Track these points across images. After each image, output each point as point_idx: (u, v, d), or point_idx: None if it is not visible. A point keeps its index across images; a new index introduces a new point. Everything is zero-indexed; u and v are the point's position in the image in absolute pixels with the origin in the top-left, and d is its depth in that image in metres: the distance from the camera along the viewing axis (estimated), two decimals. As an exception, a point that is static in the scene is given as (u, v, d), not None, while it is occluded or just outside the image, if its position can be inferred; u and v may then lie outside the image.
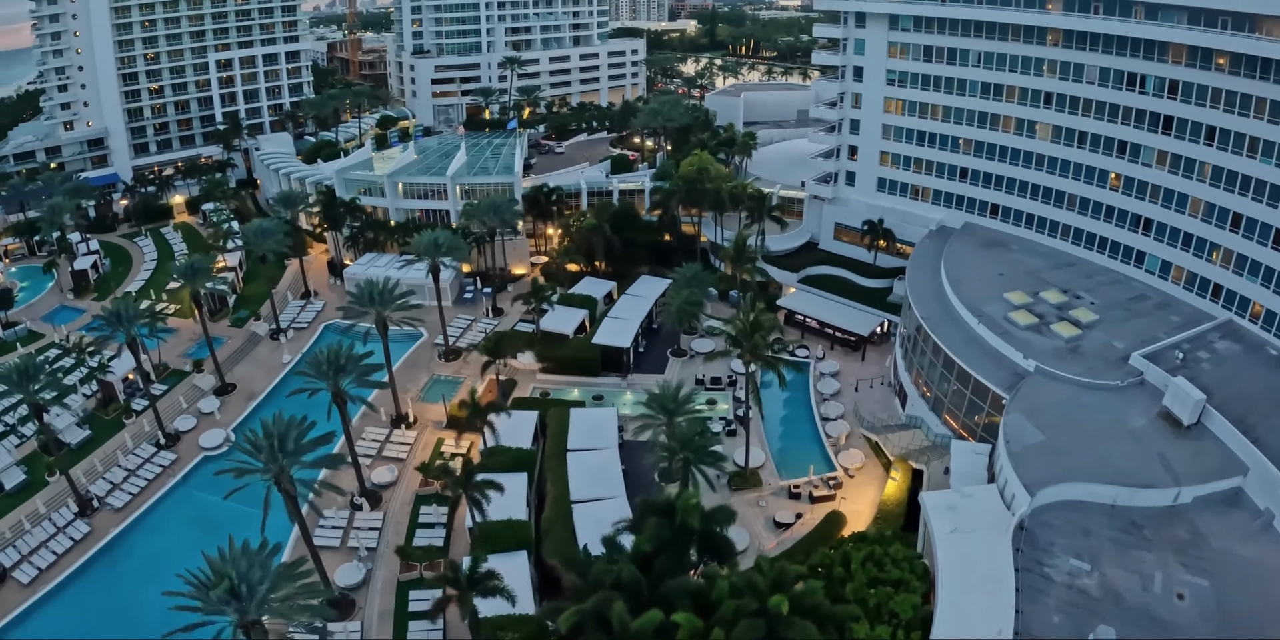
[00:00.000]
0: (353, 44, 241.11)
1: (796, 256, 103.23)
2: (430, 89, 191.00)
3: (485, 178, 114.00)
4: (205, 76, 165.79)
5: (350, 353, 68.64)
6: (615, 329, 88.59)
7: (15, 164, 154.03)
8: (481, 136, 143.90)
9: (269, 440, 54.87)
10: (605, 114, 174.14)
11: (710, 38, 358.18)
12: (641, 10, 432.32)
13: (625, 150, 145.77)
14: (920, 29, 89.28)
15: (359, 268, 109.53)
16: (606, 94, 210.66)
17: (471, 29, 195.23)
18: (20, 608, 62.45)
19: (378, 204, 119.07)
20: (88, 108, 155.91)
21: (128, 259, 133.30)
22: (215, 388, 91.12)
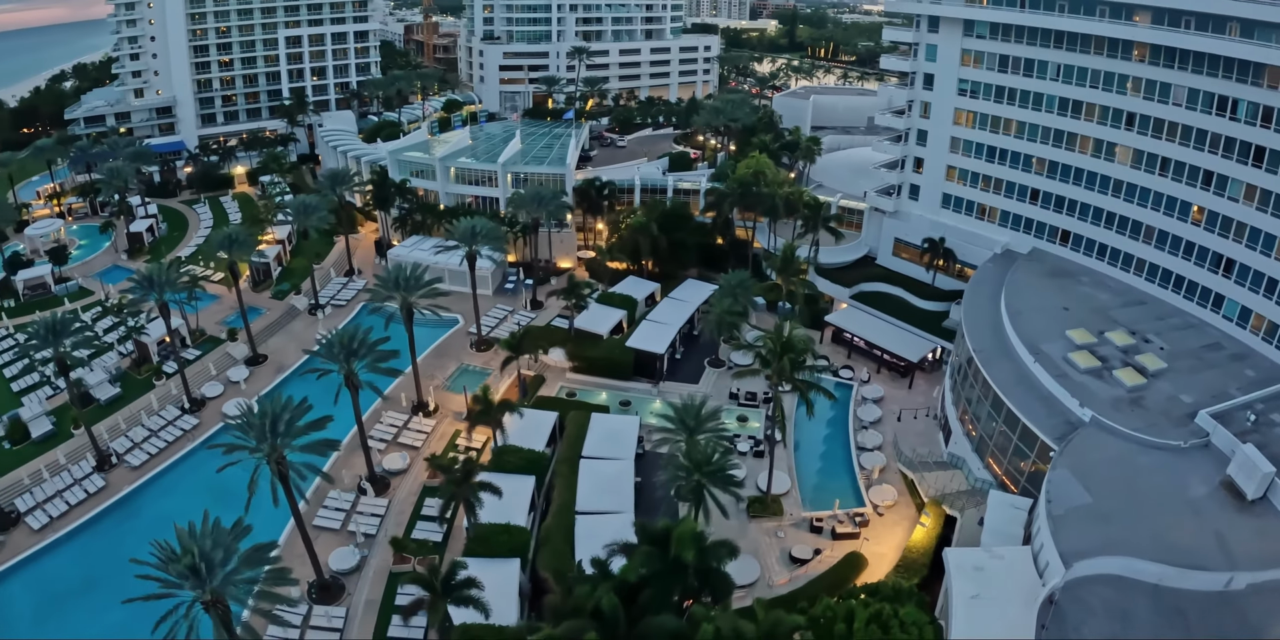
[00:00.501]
0: (428, 27, 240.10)
1: (851, 270, 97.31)
2: (498, 75, 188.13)
3: (537, 167, 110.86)
4: (274, 52, 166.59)
5: (365, 336, 66.52)
6: (652, 333, 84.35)
7: (86, 127, 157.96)
8: (542, 125, 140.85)
9: (262, 420, 53.39)
10: (671, 109, 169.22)
11: (790, 39, 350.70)
12: (723, 7, 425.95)
13: (688, 148, 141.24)
14: (996, 36, 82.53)
15: (403, 249, 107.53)
16: (676, 89, 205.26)
17: (542, 17, 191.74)
18: (27, 552, 64.05)
19: (429, 187, 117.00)
20: (158, 77, 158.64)
21: (184, 224, 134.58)
22: (247, 358, 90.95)
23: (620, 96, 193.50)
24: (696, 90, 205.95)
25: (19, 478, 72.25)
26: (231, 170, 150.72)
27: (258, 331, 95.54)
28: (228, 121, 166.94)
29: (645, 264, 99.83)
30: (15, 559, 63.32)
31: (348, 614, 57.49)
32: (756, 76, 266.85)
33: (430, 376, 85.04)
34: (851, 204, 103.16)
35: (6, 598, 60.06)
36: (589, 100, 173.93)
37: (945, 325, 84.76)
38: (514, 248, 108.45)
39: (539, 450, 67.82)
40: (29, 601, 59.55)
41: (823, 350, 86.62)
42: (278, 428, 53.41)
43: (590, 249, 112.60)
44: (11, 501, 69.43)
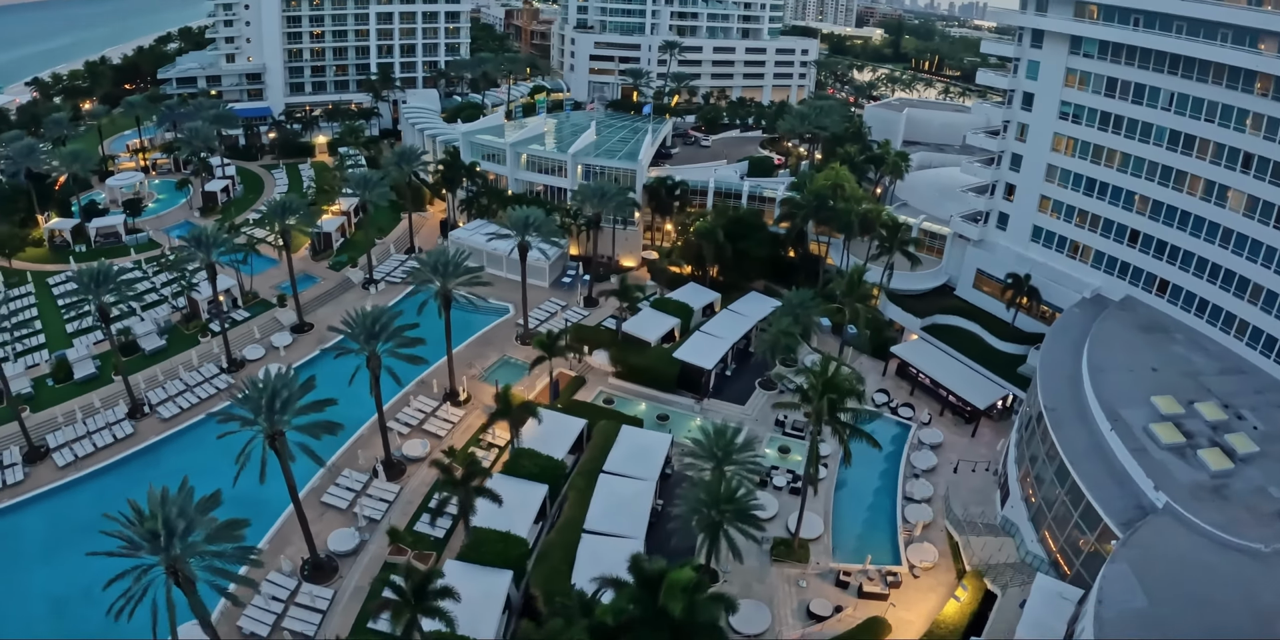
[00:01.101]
0: (527, 13, 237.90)
1: (926, 299, 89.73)
2: (588, 65, 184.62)
3: (608, 160, 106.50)
4: (365, 27, 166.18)
5: (390, 319, 64.00)
6: (703, 346, 79.10)
7: (178, 87, 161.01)
8: (623, 118, 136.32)
9: (260, 394, 51.65)
10: (761, 112, 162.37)
11: (894, 49, 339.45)
12: (829, 12, 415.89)
13: (772, 153, 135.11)
14: (1105, 56, 73.68)
15: (464, 233, 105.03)
16: (770, 92, 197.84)
17: (637, 8, 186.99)
18: (47, 486, 66.15)
19: (500, 172, 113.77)
20: (250, 44, 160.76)
21: (259, 187, 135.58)
22: (293, 325, 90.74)
23: (711, 95, 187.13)
24: (791, 94, 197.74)
25: (54, 415, 74.33)
26: (313, 139, 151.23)
27: (309, 300, 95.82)
28: (315, 92, 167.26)
29: (708, 271, 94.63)
30: (35, 491, 65.56)
31: (334, 597, 56.01)
32: (854, 84, 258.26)
33: (469, 365, 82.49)
34: (934, 228, 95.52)
35: (21, 527, 62.21)
36: (675, 96, 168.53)
37: (1021, 371, 76.62)
38: (576, 241, 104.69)
39: (557, 458, 63.68)
40: (39, 534, 61.07)
41: (885, 383, 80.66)
42: (274, 404, 51.59)
43: (655, 250, 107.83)
44: (44, 437, 71.61)
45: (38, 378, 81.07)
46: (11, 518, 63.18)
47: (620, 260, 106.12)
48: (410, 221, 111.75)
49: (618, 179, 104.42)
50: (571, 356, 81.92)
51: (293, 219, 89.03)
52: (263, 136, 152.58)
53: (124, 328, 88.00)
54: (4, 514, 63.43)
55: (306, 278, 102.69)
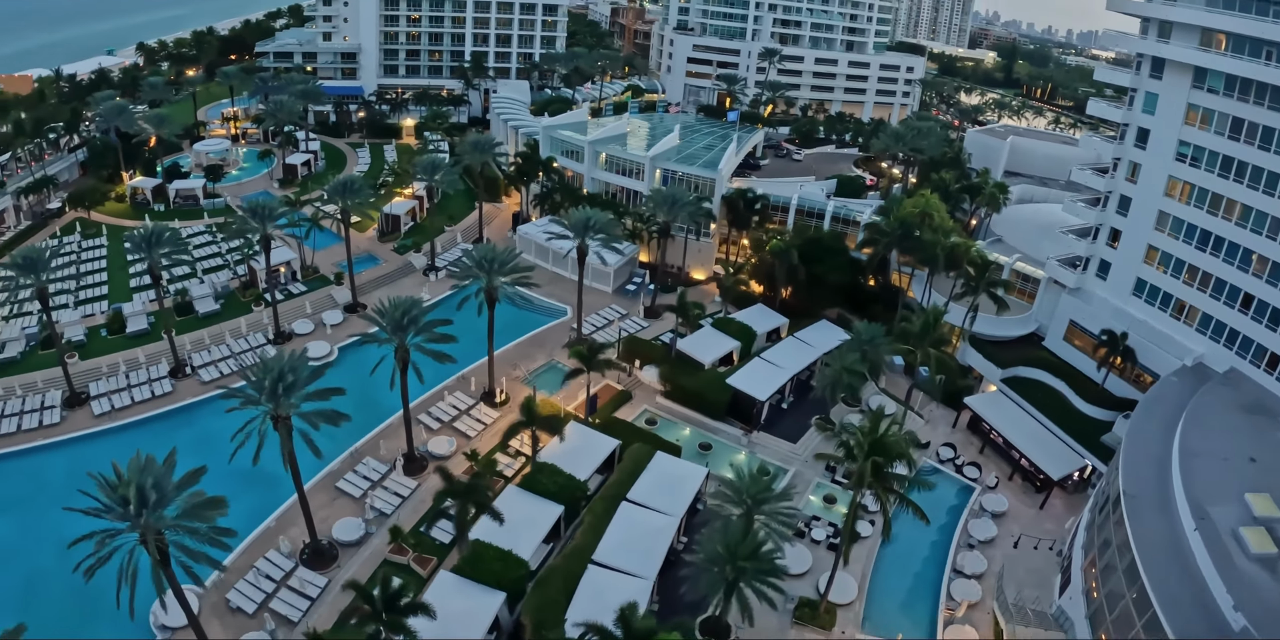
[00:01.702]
0: (632, 11, 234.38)
1: (1010, 348, 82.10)
2: (685, 67, 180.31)
3: (687, 166, 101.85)
4: (462, 14, 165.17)
5: (421, 311, 61.55)
6: (760, 374, 73.93)
7: (275, 61, 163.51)
8: (713, 124, 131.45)
9: (265, 376, 50.03)
10: (859, 128, 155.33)
11: (1006, 73, 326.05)
12: (941, 31, 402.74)
13: (866, 173, 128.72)
14: (1232, 92, 64.43)
15: (532, 228, 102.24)
16: (871, 109, 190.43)
17: (739, 13, 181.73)
18: (80, 432, 67.90)
19: (578, 169, 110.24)
20: (347, 23, 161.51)
21: (342, 164, 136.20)
22: (347, 304, 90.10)
23: (809, 107, 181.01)
24: (893, 113, 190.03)
25: (99, 365, 76.84)
26: (400, 121, 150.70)
27: (367, 281, 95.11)
28: (408, 75, 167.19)
29: (779, 293, 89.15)
30: (68, 435, 67.45)
31: (327, 586, 54.36)
32: (960, 107, 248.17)
33: (513, 365, 79.37)
34: (1028, 270, 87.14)
35: (47, 467, 63.35)
36: (770, 106, 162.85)
37: (1104, 440, 68.34)
38: (647, 248, 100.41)
39: (580, 478, 59.74)
40: (61, 476, 59.97)
41: (954, 436, 74.12)
42: (279, 386, 49.86)
43: (728, 264, 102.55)
44: (86, 384, 73.57)
45: (93, 327, 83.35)
46: (41, 457, 65.24)
47: (690, 272, 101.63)
48: (480, 211, 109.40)
49: (697, 187, 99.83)
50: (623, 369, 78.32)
51: (354, 199, 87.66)
52: (352, 115, 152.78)
53: (182, 288, 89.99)
54: (35, 453, 65.70)
55: (369, 258, 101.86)
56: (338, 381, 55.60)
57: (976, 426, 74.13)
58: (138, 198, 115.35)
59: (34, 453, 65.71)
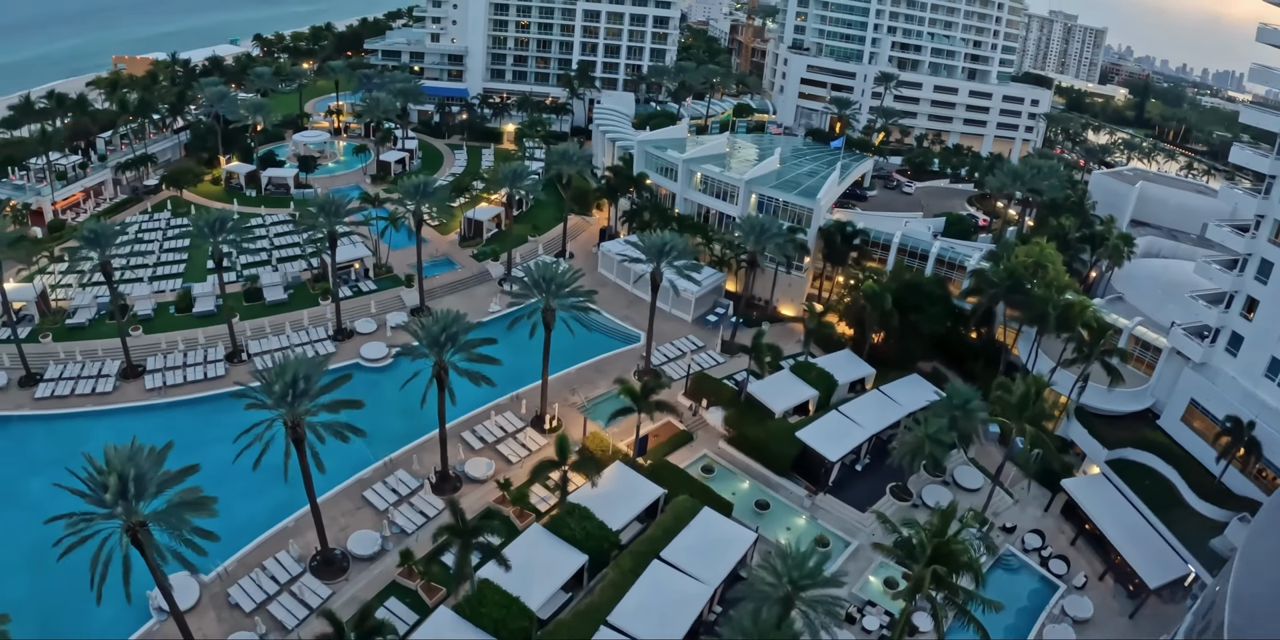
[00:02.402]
0: (749, 28, 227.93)
1: (1120, 425, 71.30)
2: (798, 88, 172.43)
3: (784, 193, 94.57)
4: (571, 23, 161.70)
5: (461, 324, 57.31)
6: (835, 430, 66.38)
7: (383, 58, 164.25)
8: (819, 150, 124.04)
9: (280, 379, 47.17)
10: (975, 163, 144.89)
11: (1137, 112, 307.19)
12: (1071, 64, 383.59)
13: (979, 212, 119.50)
14: None
15: (616, 245, 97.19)
16: (990, 143, 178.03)
17: (856, 34, 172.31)
18: (126, 404, 69.31)
19: (671, 187, 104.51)
20: (456, 26, 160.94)
21: (437, 165, 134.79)
22: (414, 307, 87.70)
23: (924, 137, 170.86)
24: (1013, 148, 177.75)
25: (159, 341, 78.23)
26: (502, 126, 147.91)
27: (440, 286, 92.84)
28: (514, 80, 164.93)
29: (870, 338, 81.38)
30: (115, 405, 68.95)
31: (329, 597, 51.80)
32: (1086, 146, 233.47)
33: (571, 390, 74.43)
34: (1148, 336, 75.80)
35: (87, 433, 63.25)
36: (882, 133, 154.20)
37: (1213, 545, 57.80)
38: (735, 277, 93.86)
39: (613, 527, 53.94)
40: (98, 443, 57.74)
41: (1044, 522, 65.14)
42: (291, 391, 47.03)
43: (818, 302, 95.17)
44: (144, 358, 75.28)
45: (163, 303, 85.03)
46: (85, 422, 66.74)
47: (778, 306, 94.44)
48: (565, 223, 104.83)
49: (794, 216, 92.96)
50: (689, 407, 72.18)
51: (428, 201, 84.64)
52: (454, 117, 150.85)
53: (253, 275, 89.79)
54: (81, 417, 67.46)
55: (446, 262, 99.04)
56: (388, 385, 55.34)
57: (1072, 513, 64.77)
58: (232, 182, 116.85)
59: (80, 417, 67.54)
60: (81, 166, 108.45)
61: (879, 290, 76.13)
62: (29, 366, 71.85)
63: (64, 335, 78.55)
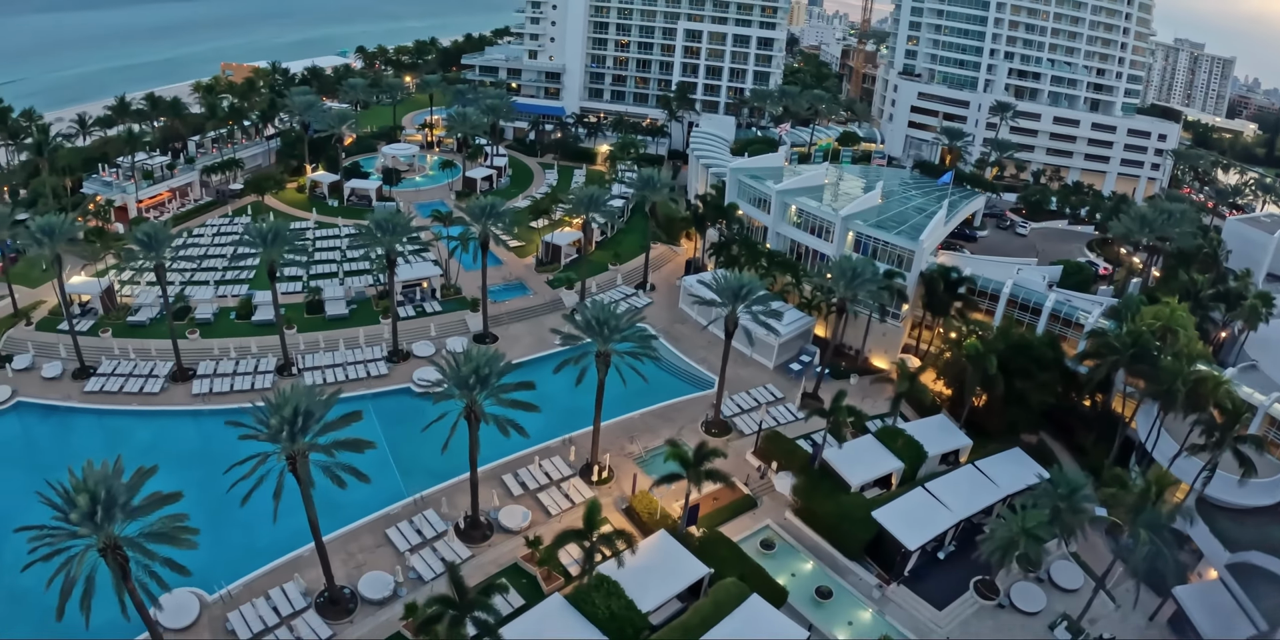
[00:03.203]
0: (860, 53, 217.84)
1: (1249, 522, 60.21)
2: (907, 117, 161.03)
3: (884, 232, 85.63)
4: (672, 43, 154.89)
5: (495, 364, 51.19)
6: (919, 512, 57.46)
7: (480, 74, 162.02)
8: (927, 184, 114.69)
9: (279, 413, 42.99)
10: (1096, 202, 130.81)
11: (1268, 149, 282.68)
12: (1197, 96, 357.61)
13: (1099, 258, 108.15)
14: None
15: (696, 280, 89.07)
16: (1113, 181, 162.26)
17: (971, 60, 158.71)
18: (170, 407, 68.65)
19: (763, 219, 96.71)
20: (554, 43, 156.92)
21: (526, 183, 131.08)
22: (476, 333, 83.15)
23: (1042, 173, 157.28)
24: (1138, 188, 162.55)
25: (213, 347, 77.11)
26: (596, 146, 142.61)
27: (508, 311, 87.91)
28: (612, 100, 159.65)
29: (970, 401, 71.65)
30: (159, 407, 68.40)
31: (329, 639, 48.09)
32: (1216, 187, 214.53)
33: (630, 438, 67.71)
34: None
35: (126, 431, 64.90)
36: (996, 167, 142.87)
37: None
38: (824, 321, 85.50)
39: (644, 608, 46.77)
40: (136, 443, 62.31)
41: (1149, 634, 55.05)
42: (295, 426, 43.04)
43: (915, 355, 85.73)
44: (196, 362, 74.18)
45: (225, 308, 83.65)
46: (128, 420, 66.68)
47: (869, 357, 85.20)
48: (647, 254, 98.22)
49: (896, 258, 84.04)
50: (757, 468, 64.60)
51: (497, 222, 79.65)
52: (548, 135, 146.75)
53: (315, 287, 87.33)
54: (126, 415, 67.26)
55: (520, 287, 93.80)
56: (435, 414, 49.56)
57: (1181, 626, 54.50)
58: (316, 191, 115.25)
59: (122, 415, 67.30)
60: (169, 167, 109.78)
61: (983, 350, 66.92)
62: (83, 359, 72.68)
63: (124, 332, 78.84)
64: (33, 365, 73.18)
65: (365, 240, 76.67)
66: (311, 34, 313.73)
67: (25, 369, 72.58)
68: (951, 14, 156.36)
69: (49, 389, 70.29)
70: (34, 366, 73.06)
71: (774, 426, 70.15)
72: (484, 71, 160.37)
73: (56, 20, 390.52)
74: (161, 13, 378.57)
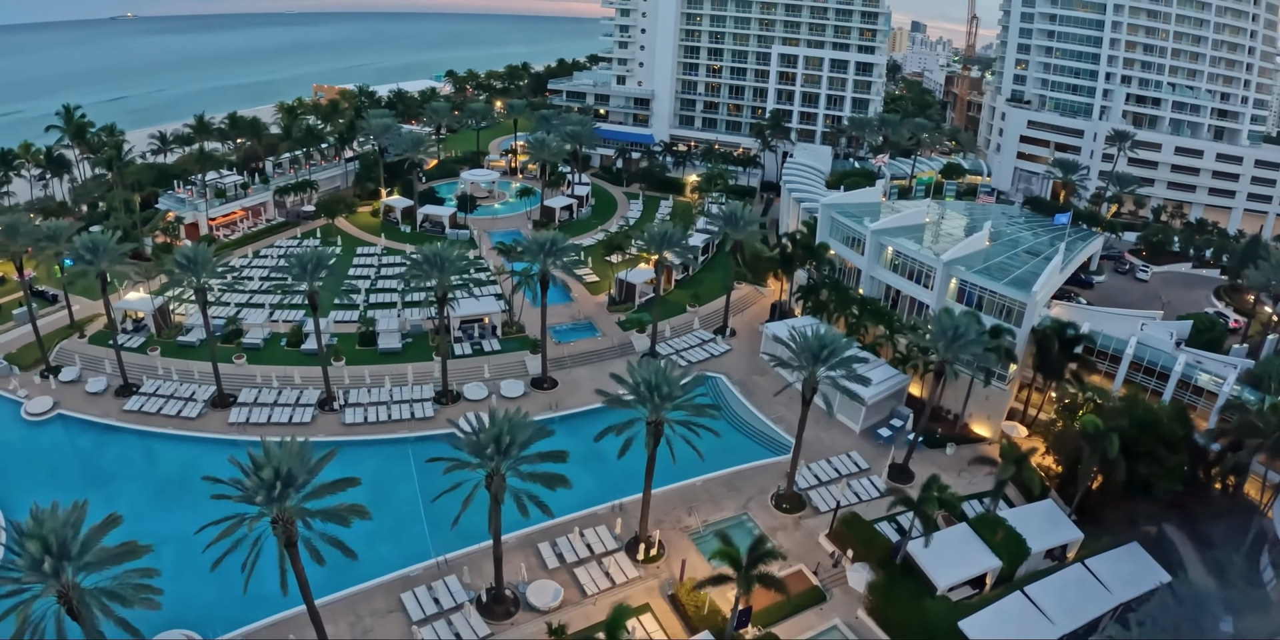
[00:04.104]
0: (965, 80, 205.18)
1: None
2: (1016, 147, 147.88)
3: (991, 281, 74.62)
4: (766, 67, 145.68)
5: (521, 431, 44.33)
6: (1015, 624, 47.40)
7: (568, 100, 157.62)
8: (1040, 222, 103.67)
9: (260, 472, 38.22)
10: (1224, 244, 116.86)
11: None
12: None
13: (1229, 309, 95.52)
14: None
15: (781, 328, 79.82)
16: (1238, 217, 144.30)
17: (1085, 85, 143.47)
18: (202, 434, 65.63)
19: (856, 261, 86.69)
20: (642, 68, 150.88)
21: (609, 213, 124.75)
22: (534, 377, 76.37)
23: (1163, 209, 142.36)
24: (1265, 224, 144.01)
25: (256, 375, 73.52)
26: (684, 177, 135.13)
27: (573, 354, 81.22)
28: (704, 128, 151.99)
29: (1084, 483, 60.63)
30: (192, 432, 65.57)
31: None
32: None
33: (687, 508, 59.71)
34: None
35: (159, 455, 63.07)
36: (1114, 204, 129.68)
37: None
38: (920, 380, 75.59)
39: None
40: (167, 470, 60.98)
41: None
42: (276, 488, 38.07)
43: (1021, 423, 74.67)
44: (238, 389, 70.93)
45: (275, 335, 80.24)
46: (162, 443, 64.62)
47: (969, 422, 74.36)
48: (728, 297, 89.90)
49: (1005, 310, 73.28)
50: (830, 556, 55.75)
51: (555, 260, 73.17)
52: (636, 163, 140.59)
53: (369, 318, 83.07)
54: (159, 438, 65.16)
55: (588, 327, 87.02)
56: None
57: None
58: (389, 216, 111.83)
59: (156, 437, 65.30)
60: (243, 186, 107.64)
61: (1103, 428, 56.65)
62: (127, 377, 71.22)
63: (173, 351, 77.11)
64: (79, 378, 72.51)
65: (414, 274, 70.96)
66: (417, 58, 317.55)
67: (71, 381, 71.98)
68: (1063, 35, 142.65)
69: (90, 404, 69.08)
70: (80, 379, 72.37)
71: (855, 504, 60.98)
72: (571, 97, 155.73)
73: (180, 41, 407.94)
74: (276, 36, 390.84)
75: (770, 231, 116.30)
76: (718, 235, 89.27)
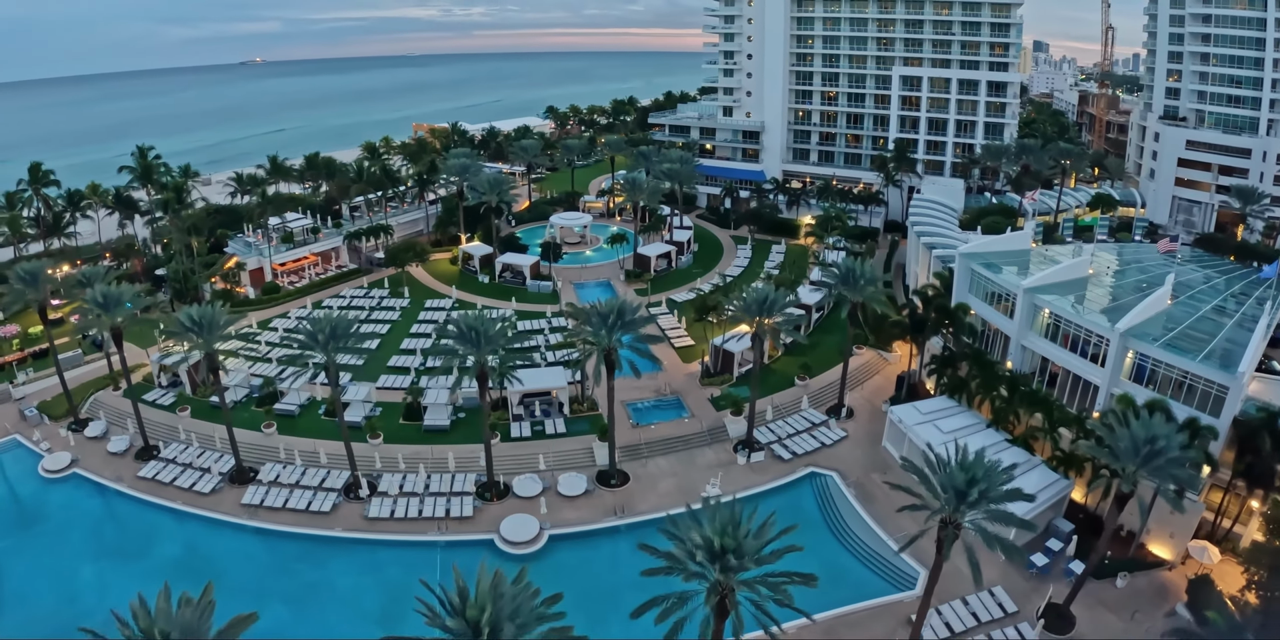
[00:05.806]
0: (1101, 99, 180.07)
1: None
2: (1173, 172, 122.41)
3: (1180, 355, 54.59)
4: (887, 92, 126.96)
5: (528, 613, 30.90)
6: None
7: (670, 134, 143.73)
8: (1220, 266, 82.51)
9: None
10: None
11: None
12: None
13: None
14: None
15: (911, 414, 63.24)
16: None
17: (1249, 96, 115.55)
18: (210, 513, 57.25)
19: (1003, 326, 67.34)
20: (750, 98, 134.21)
21: (714, 261, 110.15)
22: (601, 470, 61.50)
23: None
24: None
25: (280, 448, 63.80)
26: (799, 218, 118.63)
27: (652, 440, 65.44)
28: (819, 161, 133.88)
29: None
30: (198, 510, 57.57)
31: None
32: None
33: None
34: None
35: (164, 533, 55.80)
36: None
37: None
38: (1083, 482, 55.84)
39: None
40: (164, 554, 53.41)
41: None
42: None
43: (1213, 541, 54.56)
44: (261, 463, 62.41)
45: (315, 401, 70.66)
46: (168, 518, 57.13)
47: (1147, 542, 54.85)
48: (845, 368, 72.34)
49: (1197, 393, 53.89)
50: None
51: (620, 333, 58.20)
52: (745, 203, 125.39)
53: (418, 388, 70.62)
54: (168, 513, 57.58)
55: (675, 406, 71.53)
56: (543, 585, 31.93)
57: None
58: (468, 264, 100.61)
59: (162, 512, 57.75)
60: (313, 231, 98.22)
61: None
62: (148, 438, 64.41)
63: (204, 412, 69.20)
64: (105, 434, 66.57)
65: (442, 352, 58.08)
66: (534, 95, 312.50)
67: (97, 437, 66.02)
68: (1220, 38, 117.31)
69: (107, 465, 62.81)
70: (105, 436, 66.33)
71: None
72: (674, 131, 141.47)
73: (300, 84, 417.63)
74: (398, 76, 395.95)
75: (896, 280, 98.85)
76: (831, 296, 72.45)
